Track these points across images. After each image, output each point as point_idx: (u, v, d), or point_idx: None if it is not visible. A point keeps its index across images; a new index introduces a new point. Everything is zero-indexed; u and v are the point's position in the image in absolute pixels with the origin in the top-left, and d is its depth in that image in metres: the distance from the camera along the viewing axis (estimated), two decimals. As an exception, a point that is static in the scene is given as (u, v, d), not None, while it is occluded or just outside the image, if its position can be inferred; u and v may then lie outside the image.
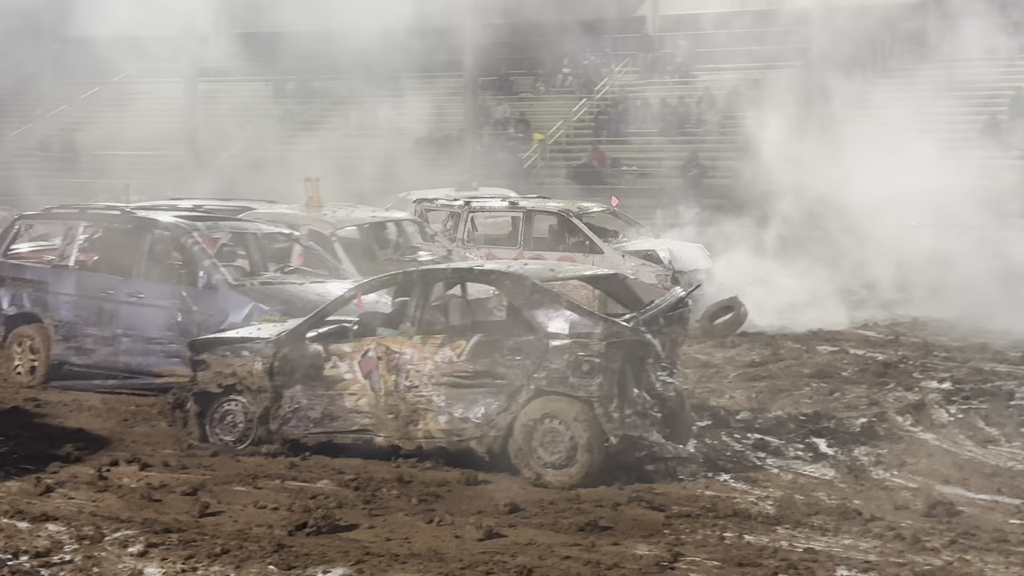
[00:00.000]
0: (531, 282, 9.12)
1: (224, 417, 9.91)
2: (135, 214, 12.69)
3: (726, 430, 10.35)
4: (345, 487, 8.68)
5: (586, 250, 16.91)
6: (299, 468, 9.22)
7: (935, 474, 9.07)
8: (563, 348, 8.75)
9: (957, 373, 12.92)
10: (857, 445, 9.93)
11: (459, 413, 9.06)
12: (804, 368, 13.28)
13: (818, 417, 10.84)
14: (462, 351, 9.07)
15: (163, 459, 9.43)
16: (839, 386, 12.36)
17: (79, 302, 12.29)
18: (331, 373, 9.52)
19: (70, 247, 12.74)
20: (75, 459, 9.39)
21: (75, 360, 12.32)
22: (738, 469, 9.20)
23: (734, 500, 8.30)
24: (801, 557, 7.08)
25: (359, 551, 7.22)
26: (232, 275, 11.88)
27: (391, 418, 9.28)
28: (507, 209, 18.16)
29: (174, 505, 8.22)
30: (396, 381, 9.25)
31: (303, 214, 15.19)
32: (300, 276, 12.61)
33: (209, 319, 11.42)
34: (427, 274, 9.73)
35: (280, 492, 8.56)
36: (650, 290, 10.07)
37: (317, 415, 9.55)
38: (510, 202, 18.50)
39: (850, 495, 8.48)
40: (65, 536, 7.44)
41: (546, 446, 8.76)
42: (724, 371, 13.29)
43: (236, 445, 9.77)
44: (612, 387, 8.65)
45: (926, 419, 10.83)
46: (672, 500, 8.27)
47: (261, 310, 11.22)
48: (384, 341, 9.40)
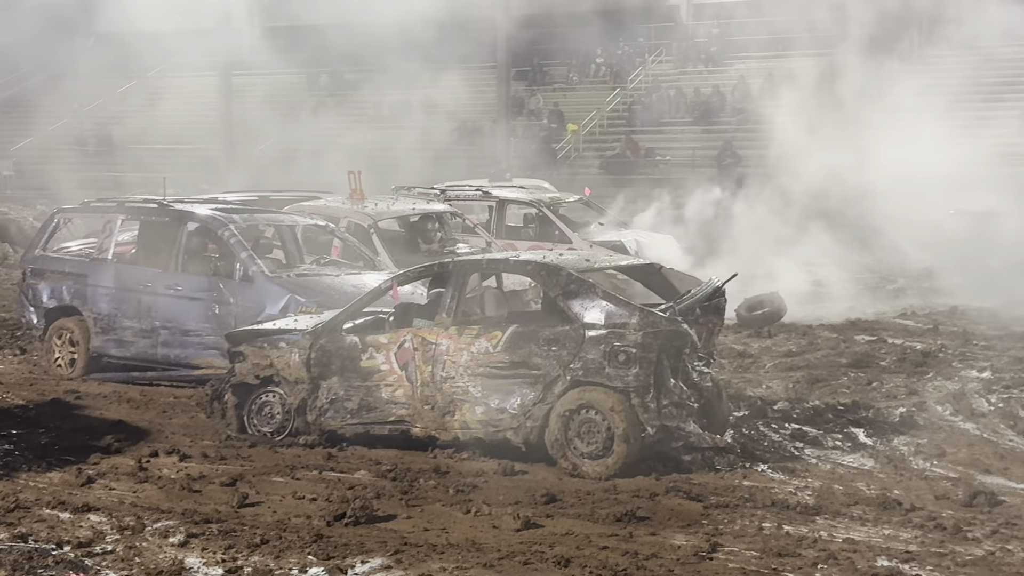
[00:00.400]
0: (567, 272, 9.10)
1: (262, 408, 9.97)
2: (172, 207, 12.77)
3: (763, 420, 10.30)
4: (382, 478, 8.70)
5: (556, 240, 17.22)
6: (336, 459, 9.26)
7: (976, 464, 8.98)
8: (599, 338, 8.73)
9: (997, 362, 12.79)
10: (896, 435, 9.86)
11: (495, 404, 9.06)
12: (842, 358, 13.19)
13: (856, 407, 10.76)
14: (498, 342, 9.07)
15: (202, 450, 9.50)
16: (877, 376, 12.27)
17: (118, 295, 12.39)
18: (368, 364, 9.54)
19: (108, 240, 12.84)
20: (115, 450, 9.48)
21: (114, 352, 12.43)
22: (776, 459, 9.15)
23: (772, 490, 8.26)
24: (841, 547, 7.04)
25: (397, 541, 7.24)
26: (268, 267, 11.93)
27: (427, 409, 9.30)
28: (480, 198, 18.31)
29: (213, 496, 8.28)
30: (432, 372, 9.27)
31: (343, 206, 15.24)
32: (336, 268, 12.65)
33: (246, 311, 11.48)
34: (463, 265, 9.73)
35: (318, 483, 8.60)
36: (686, 280, 10.02)
37: (354, 406, 9.58)
38: (483, 192, 18.65)
39: (890, 485, 8.42)
40: (106, 526, 7.52)
41: (583, 436, 8.75)
42: (761, 361, 13.22)
43: (274, 436, 9.83)
44: (648, 377, 8.62)
45: (966, 408, 10.72)
46: (710, 490, 8.24)
47: (297, 302, 11.26)
48: (420, 332, 9.42)
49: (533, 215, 18.36)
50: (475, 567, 6.77)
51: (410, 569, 6.74)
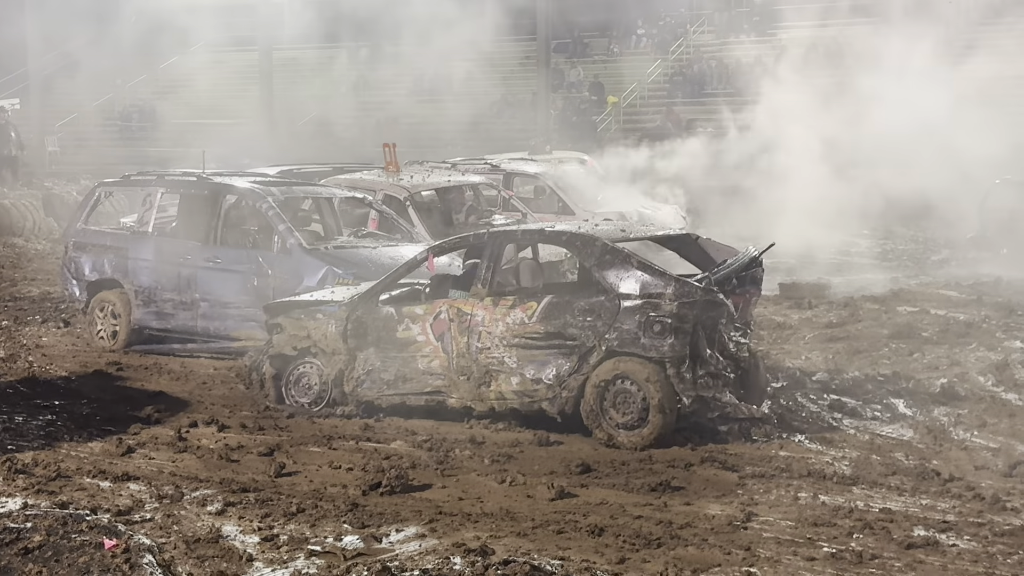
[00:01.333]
0: (602, 243, 9.06)
1: (299, 379, 10.03)
2: (211, 180, 12.84)
3: (801, 391, 10.22)
4: (418, 448, 8.75)
5: (559, 212, 17.20)
6: (373, 429, 9.32)
7: (1017, 434, 8.87)
8: (634, 308, 8.70)
9: (1041, 332, 12.62)
10: (937, 405, 9.75)
11: (531, 374, 9.06)
12: (883, 329, 13.04)
13: (897, 378, 10.64)
14: (533, 312, 9.06)
15: (240, 421, 9.59)
16: (919, 346, 12.13)
17: (158, 267, 12.49)
18: (404, 335, 9.57)
19: (149, 213, 12.94)
20: (155, 421, 9.59)
21: (155, 324, 12.55)
22: (813, 430, 9.09)
23: (809, 460, 8.21)
24: (877, 517, 6.99)
25: (432, 510, 7.28)
26: (306, 239, 11.98)
27: (463, 380, 9.32)
28: (488, 171, 18.35)
29: (251, 465, 8.36)
30: (468, 343, 9.28)
31: (379, 179, 15.26)
32: (373, 240, 12.68)
33: (284, 283, 11.54)
34: (497, 236, 9.72)
35: (354, 453, 8.66)
36: (723, 249, 9.94)
37: (390, 377, 9.62)
38: (491, 165, 18.70)
39: (928, 455, 8.34)
40: (146, 495, 7.61)
41: (618, 407, 8.73)
42: (800, 332, 13.11)
43: (311, 407, 9.89)
44: (684, 347, 8.58)
45: (1008, 379, 10.57)
46: (745, 461, 8.21)
47: (335, 274, 11.30)
48: (455, 303, 9.43)
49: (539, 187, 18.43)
50: (509, 535, 6.79)
51: (444, 538, 6.77)
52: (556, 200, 17.89)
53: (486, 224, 14.79)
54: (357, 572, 6.03)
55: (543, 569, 5.95)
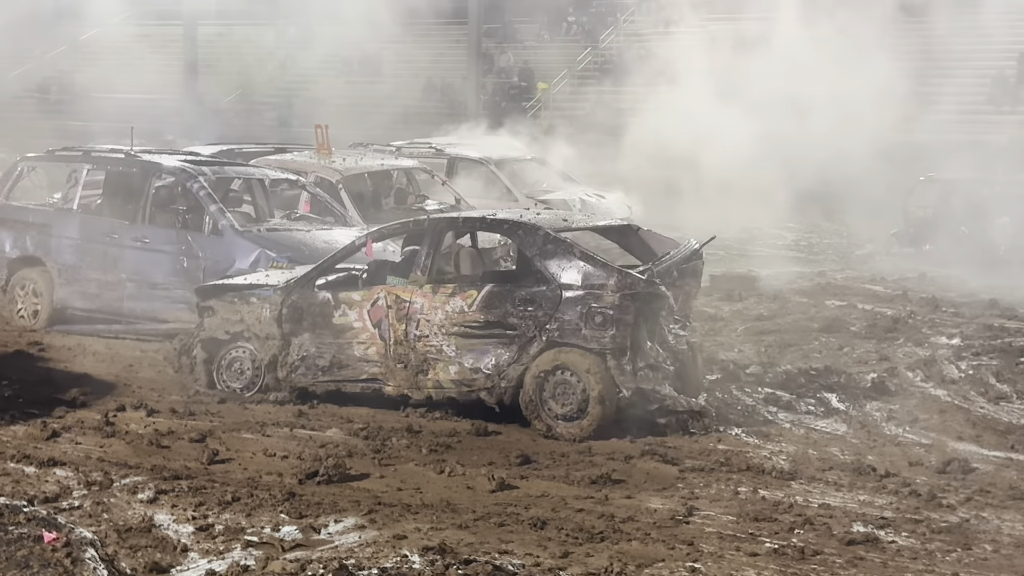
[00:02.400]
0: (544, 232, 9.00)
1: (231, 364, 9.84)
2: (140, 157, 12.52)
3: (736, 384, 10.27)
4: (354, 436, 8.62)
5: (503, 197, 17.07)
6: (307, 416, 9.16)
7: (948, 430, 9.01)
8: (576, 299, 8.65)
9: (966, 329, 12.84)
10: (868, 400, 9.87)
11: (469, 363, 8.98)
12: (813, 323, 13.19)
13: (828, 372, 10.74)
14: (473, 301, 8.97)
15: (170, 405, 9.37)
16: (848, 341, 12.28)
17: (83, 246, 12.17)
18: (340, 321, 9.42)
19: (74, 190, 12.58)
20: (81, 404, 9.32)
21: (79, 304, 12.22)
22: (750, 423, 9.13)
23: (747, 454, 8.24)
24: (817, 512, 7.03)
25: (371, 501, 7.16)
26: (238, 220, 11.74)
27: (400, 367, 9.20)
28: (432, 155, 18.25)
29: (182, 452, 8.16)
30: (406, 330, 9.16)
31: (311, 161, 15.03)
32: (307, 223, 12.48)
33: (215, 265, 11.32)
34: (438, 223, 9.60)
35: (289, 440, 8.50)
36: (664, 241, 9.94)
37: (326, 363, 9.47)
38: (436, 149, 18.59)
39: (863, 451, 8.43)
40: (73, 481, 7.38)
41: (557, 398, 8.69)
42: (732, 324, 13.20)
43: (243, 392, 9.70)
44: (625, 339, 8.56)
45: (937, 375, 10.74)
46: (685, 454, 8.21)
47: (268, 256, 11.11)
48: (394, 290, 9.30)
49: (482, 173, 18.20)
50: (450, 528, 6.70)
51: (384, 529, 6.66)
52: (500, 186, 17.76)
53: (419, 209, 14.66)
54: (313, 570, 5.89)
55: (505, 569, 5.87)
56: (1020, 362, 11.25)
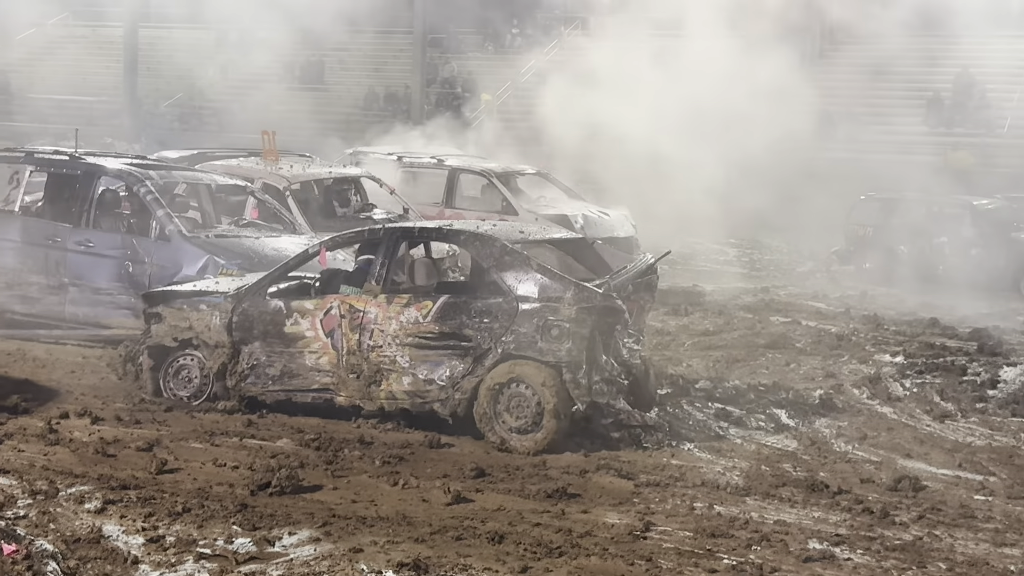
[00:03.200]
0: (501, 243, 8.96)
1: (179, 372, 9.68)
2: (85, 160, 12.29)
3: (687, 399, 10.29)
4: (306, 447, 8.50)
5: (503, 211, 16.89)
6: (257, 426, 9.02)
7: (897, 448, 9.10)
8: (532, 312, 8.62)
9: (909, 347, 13.02)
10: (817, 417, 9.94)
11: (423, 375, 8.90)
12: (758, 338, 13.30)
13: (776, 388, 10.82)
14: (428, 312, 8.90)
15: (115, 413, 9.18)
16: (794, 357, 12.40)
17: (24, 249, 11.92)
18: (292, 330, 9.30)
19: (16, 192, 12.31)
20: (23, 411, 9.10)
21: (19, 308, 11.98)
22: (702, 439, 9.15)
23: (701, 470, 8.25)
24: (773, 529, 7.04)
25: (325, 513, 7.05)
26: (186, 226, 11.57)
27: (353, 378, 9.11)
28: (434, 166, 18.16)
29: (130, 461, 7.99)
30: (359, 340, 9.07)
31: (258, 167, 14.86)
32: (255, 230, 12.34)
33: (161, 271, 11.17)
34: (394, 232, 9.52)
35: (239, 450, 8.36)
36: (618, 256, 9.95)
37: (276, 372, 9.34)
38: (437, 160, 18.43)
39: (815, 467, 8.48)
40: (17, 490, 7.18)
41: (512, 411, 8.64)
42: (679, 339, 13.26)
43: (191, 400, 9.54)
44: (581, 353, 8.54)
45: (882, 392, 10.87)
46: (639, 468, 8.20)
47: (217, 263, 10.97)
48: (347, 299, 9.20)
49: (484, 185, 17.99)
50: (407, 541, 6.62)
51: (340, 542, 6.56)
52: (500, 199, 17.40)
53: (367, 218, 14.55)
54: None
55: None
56: (963, 381, 11.43)
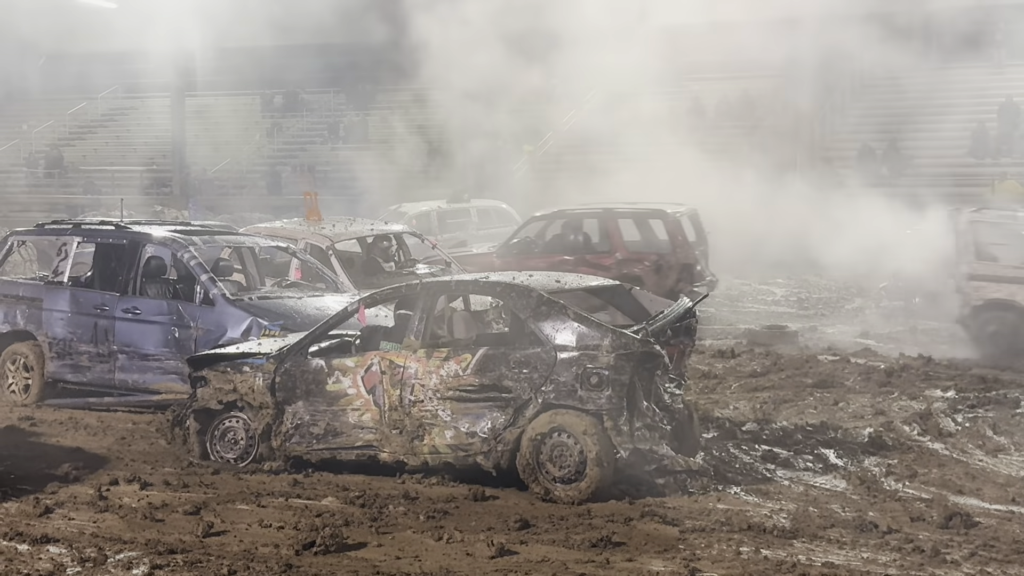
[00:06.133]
0: (537, 294, 8.99)
1: (225, 434, 9.76)
2: (130, 229, 12.52)
3: (733, 442, 10.22)
4: (351, 504, 8.52)
5: None
6: (303, 485, 9.07)
7: (948, 484, 8.95)
8: (571, 360, 8.62)
9: (960, 382, 12.83)
10: (866, 455, 9.81)
11: (465, 428, 8.92)
12: (806, 378, 13.17)
13: (824, 427, 10.71)
14: (468, 364, 8.93)
15: (163, 478, 9.27)
16: (843, 396, 12.26)
17: (73, 319, 12.13)
18: (334, 388, 9.37)
19: (64, 263, 12.55)
20: (74, 479, 9.22)
21: (70, 378, 12.16)
22: (749, 481, 9.07)
23: (747, 513, 8.16)
24: (821, 572, 6.96)
25: (369, 570, 7.07)
26: (229, 289, 11.72)
27: (396, 433, 9.14)
28: None
29: (177, 525, 8.06)
30: (400, 395, 9.11)
31: (301, 228, 15.05)
32: (298, 290, 12.47)
33: (207, 334, 11.28)
34: (431, 287, 9.59)
35: (285, 510, 8.40)
36: (656, 301, 9.93)
37: (320, 431, 9.40)
38: None
39: (864, 507, 8.36)
40: (67, 558, 7.28)
41: (555, 460, 8.62)
42: (726, 382, 13.17)
43: (238, 462, 9.62)
44: (621, 400, 8.52)
45: (933, 428, 10.71)
46: (684, 514, 8.13)
47: (260, 325, 11.07)
48: (388, 355, 9.26)
49: None
50: (451, 596, 6.62)
51: (384, 599, 6.57)
52: None
53: (409, 273, 14.65)
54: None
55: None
56: (1016, 414, 11.24)
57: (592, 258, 17.74)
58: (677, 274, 17.18)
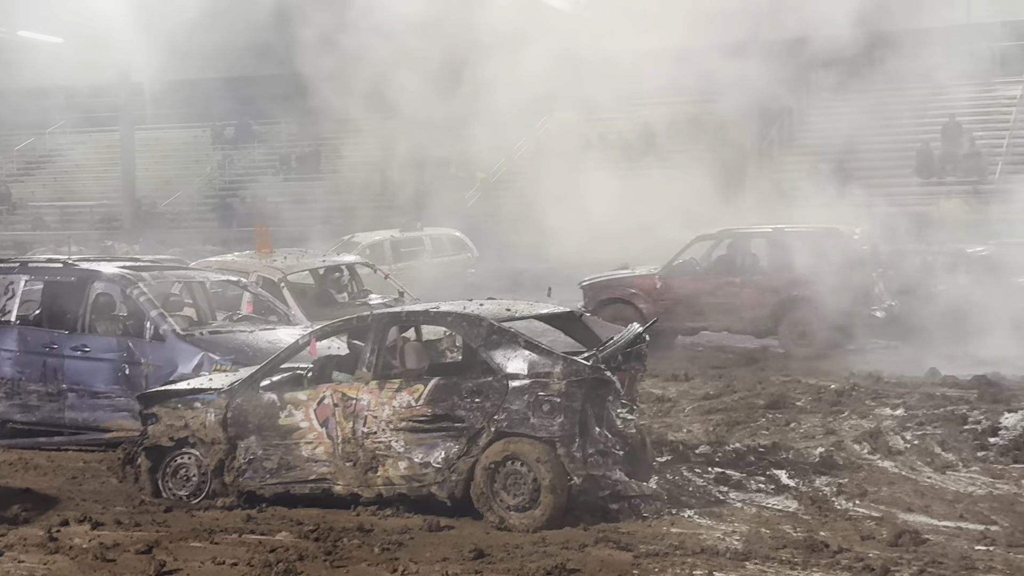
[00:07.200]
0: (488, 323, 9.02)
1: (177, 471, 9.70)
2: (78, 266, 12.43)
3: (686, 465, 10.30)
4: (305, 538, 8.48)
5: None
6: (256, 520, 9.01)
7: (897, 502, 9.06)
8: (523, 388, 8.66)
9: (909, 399, 13.00)
10: (817, 475, 9.91)
11: (419, 458, 8.92)
12: (759, 399, 13.30)
13: (776, 448, 10.82)
14: (420, 395, 8.94)
15: (115, 517, 9.17)
16: (794, 416, 12.39)
17: (22, 358, 12.01)
18: (286, 422, 9.34)
19: (11, 302, 12.42)
20: (23, 520, 9.09)
21: (19, 417, 12.03)
22: (702, 504, 9.13)
23: (700, 536, 8.22)
24: (773, 592, 7.02)
25: (324, 605, 7.05)
26: (180, 325, 11.66)
27: (349, 466, 9.12)
28: None
29: (129, 564, 7.98)
30: (353, 428, 9.10)
31: (252, 261, 15.01)
32: (249, 324, 12.43)
33: (157, 371, 11.21)
34: (381, 318, 9.60)
35: (238, 546, 8.35)
36: (607, 327, 10.01)
37: (273, 465, 9.37)
38: None
39: (815, 527, 8.44)
40: (17, 602, 7.20)
41: (509, 488, 8.63)
42: (680, 405, 13.26)
43: (190, 499, 9.55)
44: (574, 426, 8.55)
45: (883, 447, 10.84)
46: (639, 539, 8.17)
47: (211, 360, 11.03)
48: (340, 387, 9.25)
49: None
50: (406, 629, 6.61)
51: (338, 634, 6.55)
52: None
53: (363, 304, 14.65)
54: None
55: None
56: (964, 430, 11.41)
57: (761, 279, 17.23)
58: (853, 297, 16.38)
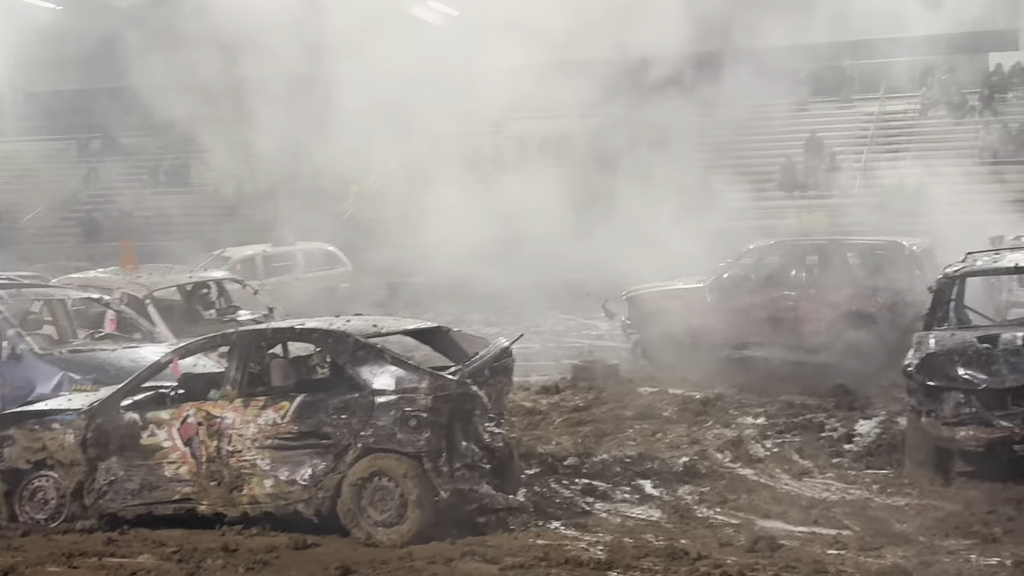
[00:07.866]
0: (354, 339, 9.02)
1: (34, 494, 9.46)
2: (-71, 284, 12.03)
3: (554, 477, 10.42)
4: (167, 560, 8.36)
5: None
6: (118, 543, 8.85)
7: (756, 509, 9.32)
8: (389, 404, 8.67)
9: (770, 408, 13.35)
10: (681, 484, 10.14)
11: (285, 476, 8.86)
12: (627, 410, 13.50)
13: (642, 458, 11.02)
14: (286, 412, 8.89)
15: (-32, 543, 8.91)
16: (661, 426, 12.61)
17: None
18: (149, 442, 9.19)
19: None
20: None
21: None
22: (568, 516, 9.26)
23: (565, 547, 8.33)
24: (634, 601, 7.16)
25: (185, 627, 6.96)
26: (39, 344, 11.37)
27: (214, 485, 9.02)
28: None
29: (-18, 592, 7.77)
30: (218, 447, 9.00)
31: (116, 277, 14.69)
32: (112, 342, 12.18)
33: (15, 391, 10.93)
34: (246, 335, 9.52)
35: (98, 570, 8.19)
36: (474, 341, 10.08)
37: (135, 486, 9.20)
38: None
39: (676, 535, 8.64)
40: None
41: (376, 504, 8.64)
42: (550, 417, 13.39)
43: (48, 523, 9.33)
44: (440, 441, 8.60)
45: (744, 455, 11.13)
46: (504, 552, 8.25)
47: (71, 379, 10.78)
48: (204, 406, 9.14)
49: None
50: (269, 649, 6.56)
51: (199, 656, 6.47)
52: None
53: (231, 320, 14.46)
54: None
55: None
56: (820, 437, 11.78)
57: (816, 293, 16.40)
58: (914, 312, 14.89)
